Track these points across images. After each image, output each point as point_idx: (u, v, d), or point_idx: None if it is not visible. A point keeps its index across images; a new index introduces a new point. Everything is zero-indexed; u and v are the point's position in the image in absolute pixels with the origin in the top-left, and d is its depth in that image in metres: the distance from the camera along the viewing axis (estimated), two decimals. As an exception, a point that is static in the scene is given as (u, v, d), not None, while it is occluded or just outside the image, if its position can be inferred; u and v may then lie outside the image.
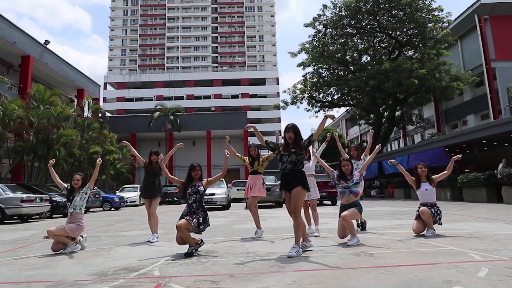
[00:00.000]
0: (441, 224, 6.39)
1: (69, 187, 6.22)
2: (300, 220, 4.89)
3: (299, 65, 29.83)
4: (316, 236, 6.70)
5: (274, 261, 4.52)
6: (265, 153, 7.48)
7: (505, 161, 15.31)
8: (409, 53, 28.40)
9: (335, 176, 6.10)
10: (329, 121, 6.04)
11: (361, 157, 7.37)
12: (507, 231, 6.45)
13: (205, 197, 6.60)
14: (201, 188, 5.51)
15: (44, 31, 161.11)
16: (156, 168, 7.04)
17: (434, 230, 6.18)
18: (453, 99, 28.39)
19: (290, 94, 30.72)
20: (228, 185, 22.21)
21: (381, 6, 26.32)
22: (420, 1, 25.62)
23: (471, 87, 27.22)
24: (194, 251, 5.15)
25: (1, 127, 18.66)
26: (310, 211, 7.20)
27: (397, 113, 30.91)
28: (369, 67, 26.18)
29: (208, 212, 5.73)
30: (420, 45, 26.51)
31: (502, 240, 5.55)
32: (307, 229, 6.98)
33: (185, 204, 5.55)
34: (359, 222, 7.13)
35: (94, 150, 26.81)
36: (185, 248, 5.78)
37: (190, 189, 5.49)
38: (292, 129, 5.15)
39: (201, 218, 5.30)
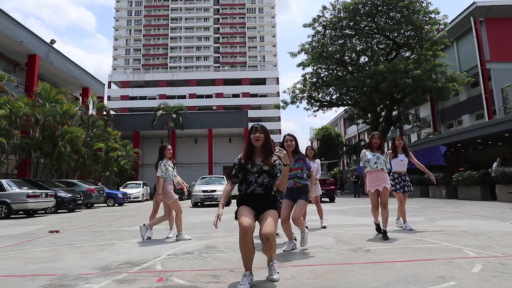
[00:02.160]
0: (412, 191, 7.19)
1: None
2: (274, 243, 3.29)
3: (298, 65, 29.79)
4: (324, 227, 7.15)
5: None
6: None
7: (500, 160, 15.30)
8: (406, 54, 28.34)
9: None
10: (330, 119, 5.64)
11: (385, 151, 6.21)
12: (500, 228, 6.46)
13: (206, 193, 6.64)
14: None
15: (49, 31, 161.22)
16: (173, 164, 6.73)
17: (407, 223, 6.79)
18: (449, 99, 28.35)
19: (289, 94, 30.69)
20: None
21: (379, 8, 26.25)
22: (417, 4, 25.55)
23: (466, 87, 27.18)
24: None
25: (8, 124, 18.65)
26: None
27: (394, 113, 30.86)
28: (367, 68, 26.15)
29: (209, 209, 5.73)
30: (417, 46, 26.45)
31: (496, 237, 5.55)
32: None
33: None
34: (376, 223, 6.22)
35: (98, 147, 26.83)
36: (186, 243, 5.78)
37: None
38: (262, 129, 3.57)
39: None
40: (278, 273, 3.43)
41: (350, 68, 29.28)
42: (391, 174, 6.66)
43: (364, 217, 9.16)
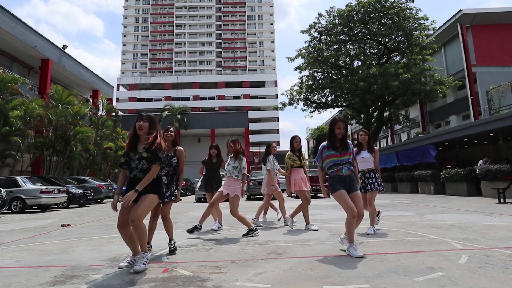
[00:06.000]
0: (383, 190, 6.68)
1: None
2: (142, 227, 3.50)
3: (296, 69, 29.77)
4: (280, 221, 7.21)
5: (272, 248, 4.52)
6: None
7: (486, 159, 15.25)
8: (397, 59, 28.32)
9: (322, 148, 4.33)
10: (325, 119, 5.46)
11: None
12: (485, 222, 6.45)
13: None
14: (175, 159, 4.56)
15: (60, 36, 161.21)
16: (216, 163, 6.75)
17: (374, 227, 5.61)
18: (437, 101, 28.36)
19: (287, 96, 30.69)
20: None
21: (372, 15, 26.22)
22: (408, 11, 25.53)
23: (453, 90, 27.19)
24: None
25: (22, 125, 18.65)
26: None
27: (386, 114, 30.84)
28: (360, 71, 26.13)
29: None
30: (407, 51, 26.42)
31: (481, 230, 5.55)
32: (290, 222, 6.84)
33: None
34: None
35: (107, 146, 26.82)
36: (189, 236, 5.77)
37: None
38: (147, 118, 3.67)
39: (173, 187, 4.53)
40: (143, 264, 3.51)
41: (344, 71, 29.26)
42: None
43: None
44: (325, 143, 4.32)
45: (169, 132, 4.60)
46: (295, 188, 6.27)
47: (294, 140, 6.29)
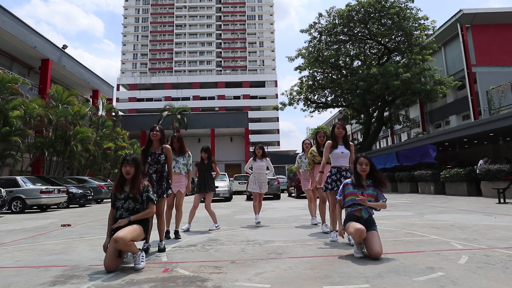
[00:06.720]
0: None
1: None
2: (131, 244, 3.56)
3: (296, 69, 29.79)
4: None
5: (272, 248, 4.52)
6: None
7: (486, 159, 15.23)
8: (397, 59, 28.33)
9: (345, 184, 4.25)
10: (325, 119, 5.42)
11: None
12: (485, 222, 6.45)
13: None
14: (162, 157, 4.63)
15: (60, 36, 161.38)
16: (207, 164, 6.76)
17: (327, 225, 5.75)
18: (437, 101, 28.37)
19: (287, 96, 30.72)
20: (230, 178, 22.28)
21: (372, 15, 26.23)
22: (408, 11, 25.55)
23: (453, 90, 27.20)
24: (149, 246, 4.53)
25: (22, 124, 18.65)
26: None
27: (386, 114, 30.85)
28: (360, 71, 26.14)
29: (211, 203, 5.70)
30: (407, 51, 26.43)
31: (481, 230, 5.54)
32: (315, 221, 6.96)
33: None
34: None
35: (107, 146, 26.82)
36: (189, 236, 5.77)
37: (149, 158, 4.60)
38: (133, 162, 3.81)
39: (165, 184, 4.67)
40: (142, 261, 3.63)
41: (344, 71, 29.27)
42: (330, 169, 5.14)
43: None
44: (348, 180, 4.27)
45: (154, 132, 4.71)
46: (310, 186, 6.35)
47: (318, 135, 6.14)
